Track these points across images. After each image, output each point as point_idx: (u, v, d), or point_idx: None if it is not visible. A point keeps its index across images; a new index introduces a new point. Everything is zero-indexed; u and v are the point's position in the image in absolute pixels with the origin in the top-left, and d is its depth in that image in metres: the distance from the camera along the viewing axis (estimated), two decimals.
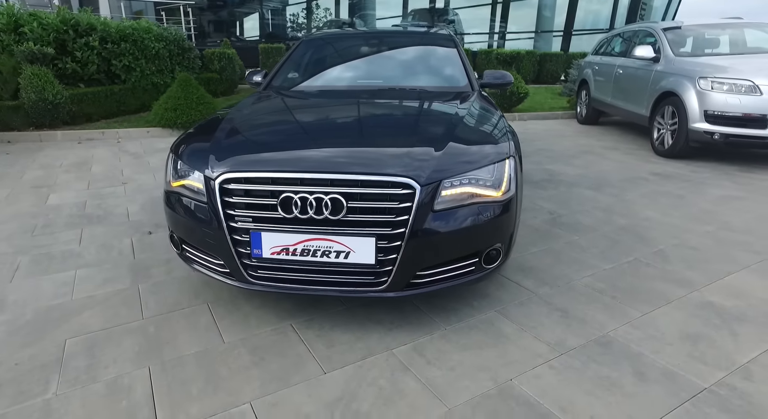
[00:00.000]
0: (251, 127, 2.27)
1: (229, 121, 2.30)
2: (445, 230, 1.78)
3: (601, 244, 2.84)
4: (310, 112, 2.52)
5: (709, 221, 3.24)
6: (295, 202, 1.74)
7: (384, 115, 2.42)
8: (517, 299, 2.21)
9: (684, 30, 5.90)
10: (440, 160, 1.83)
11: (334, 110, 2.48)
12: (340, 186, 1.74)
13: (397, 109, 2.50)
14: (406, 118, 2.35)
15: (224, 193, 1.82)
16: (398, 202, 1.74)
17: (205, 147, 2.04)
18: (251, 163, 1.86)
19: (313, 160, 1.85)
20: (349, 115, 2.40)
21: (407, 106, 2.53)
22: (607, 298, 2.22)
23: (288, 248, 1.78)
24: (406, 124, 2.24)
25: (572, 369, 1.71)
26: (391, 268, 1.78)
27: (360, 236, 1.74)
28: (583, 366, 1.73)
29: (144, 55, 7.38)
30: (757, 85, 4.47)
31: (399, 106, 2.53)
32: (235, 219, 1.82)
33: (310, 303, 2.15)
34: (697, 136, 4.81)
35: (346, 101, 2.60)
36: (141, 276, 2.44)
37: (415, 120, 2.30)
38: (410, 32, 3.73)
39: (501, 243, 1.96)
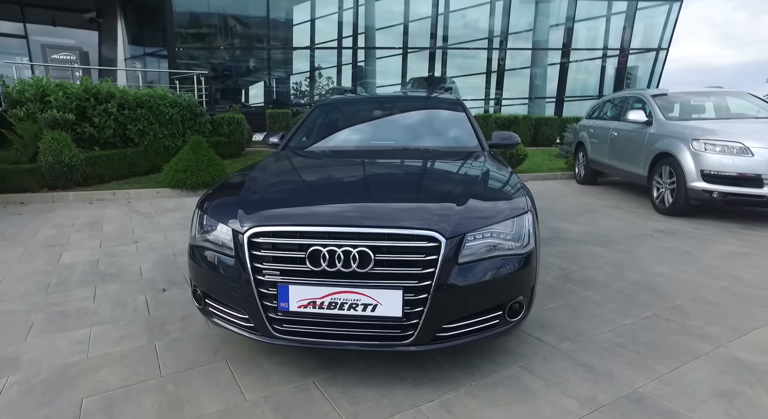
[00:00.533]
0: (277, 184, 2.37)
1: (254, 178, 2.40)
2: (470, 282, 1.81)
3: (616, 300, 2.84)
4: (332, 170, 2.63)
5: (722, 276, 3.26)
6: (324, 255, 1.78)
7: (403, 172, 2.54)
8: (539, 354, 2.18)
9: (670, 96, 6.27)
10: (463, 215, 1.89)
11: (354, 168, 2.59)
12: (368, 239, 1.79)
13: (415, 167, 2.61)
14: (425, 176, 2.46)
15: (252, 246, 1.87)
16: (424, 254, 1.78)
17: (233, 201, 2.11)
18: (280, 217, 1.92)
19: (340, 214, 1.91)
20: (370, 172, 2.51)
21: (425, 164, 2.65)
22: (630, 353, 2.19)
23: (315, 301, 1.80)
24: (425, 182, 2.34)
25: None
26: (418, 321, 1.79)
27: (387, 288, 1.76)
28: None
29: (158, 120, 7.72)
30: (748, 146, 4.69)
31: (416, 165, 2.65)
32: (262, 272, 1.85)
33: (332, 360, 2.12)
34: (696, 195, 4.95)
35: (364, 160, 2.73)
36: (157, 333, 2.41)
37: (433, 177, 2.40)
38: (420, 96, 3.97)
39: (523, 296, 1.98)
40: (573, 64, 15.63)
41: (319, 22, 16.24)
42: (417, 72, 16.27)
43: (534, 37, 15.81)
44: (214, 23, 14.08)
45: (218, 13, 13.92)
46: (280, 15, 15.27)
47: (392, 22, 16.01)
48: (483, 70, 16.16)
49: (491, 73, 16.05)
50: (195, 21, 13.83)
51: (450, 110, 3.57)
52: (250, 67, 15.51)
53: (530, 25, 15.88)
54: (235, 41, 14.67)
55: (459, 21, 15.94)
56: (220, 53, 14.33)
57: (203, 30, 14.00)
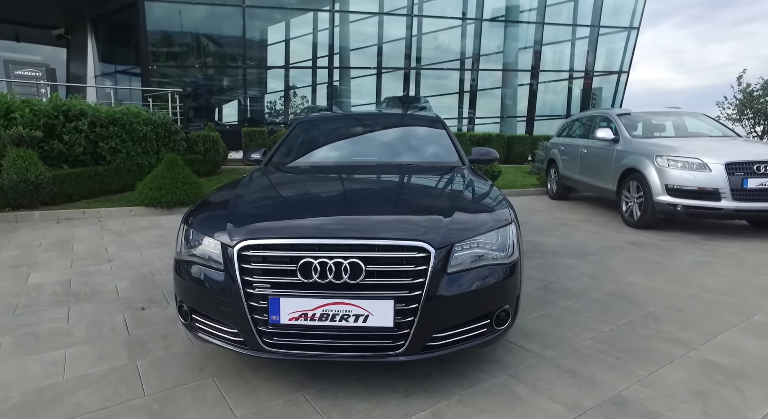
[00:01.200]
0: (264, 198, 2.37)
1: (241, 193, 2.40)
2: (459, 292, 1.85)
3: (594, 308, 2.94)
4: (318, 185, 2.65)
5: (688, 285, 3.42)
6: (315, 267, 1.79)
7: (390, 186, 2.58)
8: (525, 362, 2.23)
9: (633, 116, 6.61)
10: (450, 226, 1.95)
11: (340, 183, 2.63)
12: (359, 250, 1.81)
13: (402, 182, 2.67)
14: (411, 190, 2.51)
15: (242, 259, 1.86)
16: (414, 265, 1.82)
17: (221, 215, 2.10)
18: (270, 230, 1.93)
19: (330, 226, 1.94)
20: (356, 186, 2.55)
21: (411, 178, 2.71)
22: (611, 359, 2.26)
23: (307, 313, 1.80)
24: (412, 195, 2.40)
25: None
26: (409, 331, 1.81)
27: (378, 299, 1.78)
28: None
29: (131, 138, 7.57)
30: (706, 162, 4.98)
31: (401, 179, 2.71)
32: (252, 285, 1.84)
33: (321, 374, 2.11)
34: (662, 208, 5.20)
35: (350, 175, 2.76)
36: (138, 352, 2.34)
37: (419, 191, 2.46)
38: (401, 114, 4.06)
39: (509, 305, 2.04)
40: (542, 85, 16.28)
41: (294, 43, 16.43)
42: (391, 92, 16.60)
43: (504, 59, 16.43)
44: (188, 42, 14.04)
45: (192, 32, 13.90)
46: (254, 35, 15.37)
47: (366, 43, 16.36)
48: (456, 90, 16.63)
49: (464, 93, 16.53)
50: (169, 39, 13.76)
51: (430, 127, 3.67)
52: (225, 86, 15.47)
53: (500, 48, 16.52)
54: (209, 60, 14.64)
55: (432, 43, 16.43)
56: (194, 72, 14.24)
57: (177, 48, 13.92)
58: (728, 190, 4.83)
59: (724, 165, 4.86)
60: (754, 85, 12.94)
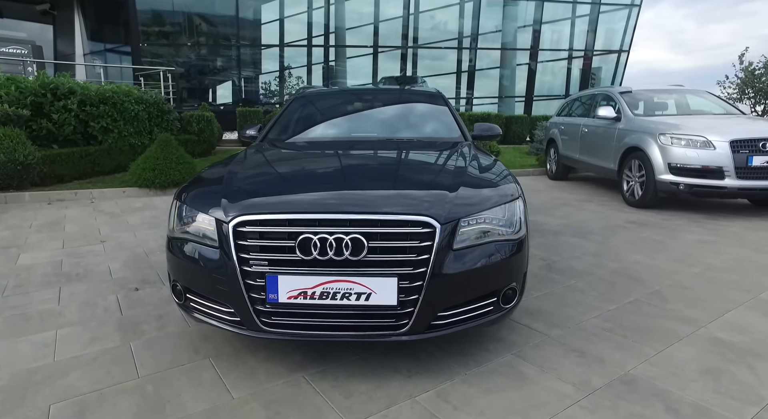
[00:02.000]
0: (261, 174, 2.27)
1: (235, 168, 2.30)
2: (465, 269, 1.78)
3: (599, 287, 2.88)
4: (317, 160, 2.55)
5: (693, 263, 3.37)
6: (315, 243, 1.70)
7: (391, 162, 2.48)
8: (531, 341, 2.18)
9: (635, 94, 6.48)
10: (456, 201, 1.86)
11: (340, 157, 2.52)
12: (361, 226, 1.73)
13: (402, 156, 2.57)
14: (414, 165, 2.41)
15: (238, 236, 1.77)
16: (419, 241, 1.73)
17: (215, 191, 2.01)
18: (267, 205, 1.84)
19: (331, 201, 1.84)
20: (357, 161, 2.45)
21: (414, 153, 2.61)
22: (618, 337, 2.21)
23: (306, 291, 1.72)
24: (415, 170, 2.30)
25: (604, 409, 1.66)
26: (413, 310, 1.74)
27: (381, 276, 1.70)
28: (614, 404, 1.68)
29: (123, 117, 7.38)
30: (710, 140, 4.89)
31: (402, 154, 2.60)
32: (249, 263, 1.75)
33: (321, 354, 2.04)
34: (664, 187, 5.13)
35: (349, 150, 2.66)
36: (131, 333, 2.27)
37: (423, 166, 2.36)
38: (400, 89, 3.93)
39: (516, 282, 1.96)
40: (540, 65, 16.03)
41: (289, 22, 16.03)
42: (387, 72, 16.31)
43: (502, 39, 16.12)
44: (180, 20, 13.65)
45: (184, 10, 13.50)
46: (248, 13, 14.97)
47: (363, 22, 15.99)
48: (453, 70, 16.36)
49: (461, 73, 16.27)
50: (160, 17, 13.37)
51: (431, 102, 3.54)
52: (219, 66, 15.14)
53: (498, 27, 16.19)
54: (202, 39, 14.27)
55: (429, 22, 16.07)
56: (186, 51, 13.90)
57: (168, 27, 13.55)
58: (732, 168, 4.75)
59: (728, 142, 4.77)
60: (756, 64, 12.78)
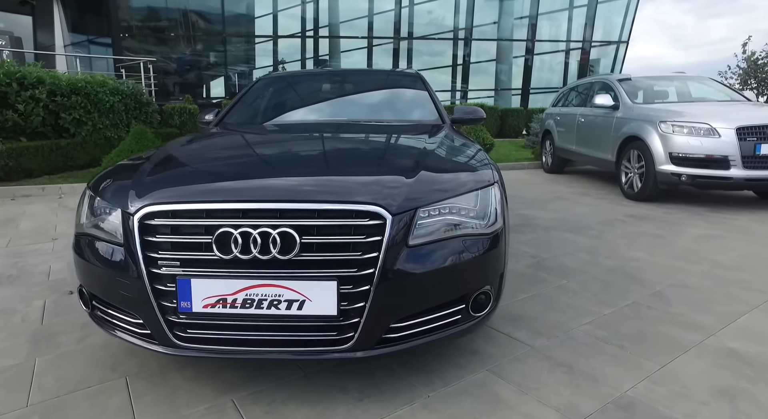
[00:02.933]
0: (188, 160, 1.93)
1: (161, 154, 1.96)
2: (424, 270, 1.45)
3: (593, 287, 2.56)
4: (261, 145, 2.20)
5: (698, 260, 3.04)
6: (235, 239, 1.38)
7: (346, 146, 2.14)
8: (510, 354, 1.85)
9: (634, 81, 6.13)
10: (413, 187, 1.53)
11: (289, 142, 2.19)
12: (292, 218, 1.40)
13: (360, 141, 2.23)
14: (370, 149, 2.08)
15: (145, 230, 1.45)
16: (365, 235, 1.40)
17: (127, 178, 1.67)
18: (180, 194, 1.51)
19: (257, 188, 1.52)
20: (306, 147, 2.12)
21: (372, 137, 2.27)
22: (613, 348, 1.89)
23: (225, 298, 1.39)
24: (370, 154, 1.97)
25: None
26: (358, 320, 1.41)
27: (317, 280, 1.38)
28: None
29: (97, 109, 7.03)
30: (714, 128, 4.55)
31: (363, 138, 2.27)
32: (157, 263, 1.43)
33: (260, 371, 1.72)
34: (665, 178, 4.79)
35: (304, 134, 2.32)
36: (44, 346, 1.94)
37: (381, 150, 2.03)
38: (376, 70, 3.59)
39: (490, 286, 1.64)
40: (538, 57, 15.65)
41: (282, 17, 15.62)
42: (382, 67, 15.91)
43: (499, 31, 15.73)
44: (164, 11, 13.26)
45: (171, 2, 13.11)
46: (239, 7, 14.57)
47: (356, 16, 15.59)
48: (449, 64, 15.96)
49: (457, 66, 15.87)
50: (143, 7, 12.98)
51: (408, 84, 3.20)
52: (206, 60, 14.76)
53: (495, 19, 15.79)
54: (190, 31, 13.89)
55: (424, 16, 15.67)
56: (172, 43, 13.52)
57: (152, 19, 13.17)
58: (739, 157, 4.41)
59: (735, 130, 4.43)
60: (759, 53, 12.44)
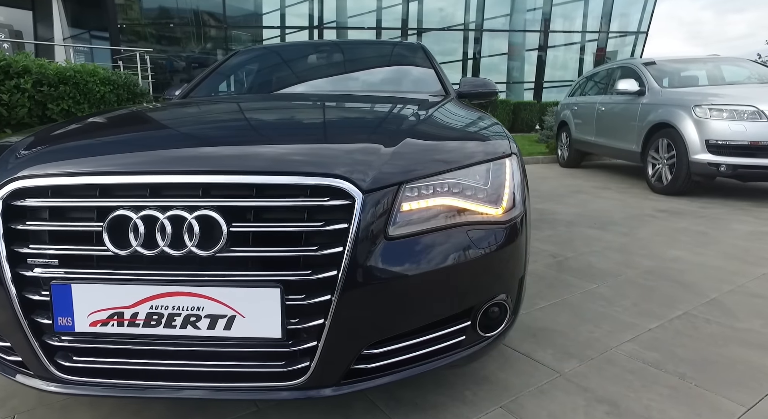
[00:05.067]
0: (98, 128, 1.45)
1: (68, 123, 1.49)
2: (412, 272, 1.00)
3: (630, 294, 2.08)
4: (205, 114, 1.70)
5: (756, 261, 2.54)
6: (135, 226, 0.94)
7: (315, 115, 1.64)
8: (532, 383, 1.39)
9: (659, 65, 5.59)
10: (394, 157, 1.08)
11: (244, 111, 1.71)
12: (218, 196, 0.96)
13: (336, 109, 1.74)
14: (344, 117, 1.60)
15: (11, 214, 1.02)
16: (323, 222, 0.96)
17: (8, 152, 1.24)
18: (67, 163, 1.07)
19: (172, 156, 1.07)
20: (264, 116, 1.63)
21: (353, 106, 1.79)
22: (672, 378, 1.42)
23: (122, 312, 0.96)
24: (343, 122, 1.51)
25: None
26: (315, 344, 0.97)
27: (252, 286, 0.94)
28: None
29: (87, 99, 6.69)
30: (762, 110, 4.02)
31: (340, 107, 1.79)
32: (27, 262, 1.00)
33: (197, 407, 1.28)
34: (700, 169, 4.27)
35: (268, 103, 1.86)
36: None
37: (358, 118, 1.56)
38: (370, 41, 3.15)
39: (506, 295, 1.18)
40: (552, 50, 15.07)
41: (289, 13, 15.24)
42: None
43: (511, 22, 15.19)
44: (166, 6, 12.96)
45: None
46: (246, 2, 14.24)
47: (365, 11, 15.17)
48: (459, 58, 15.46)
49: (467, 60, 15.36)
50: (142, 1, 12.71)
51: (408, 55, 2.74)
52: (209, 55, 14.47)
53: (507, 11, 15.25)
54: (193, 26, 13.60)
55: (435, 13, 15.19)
56: (173, 37, 13.23)
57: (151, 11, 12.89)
58: None
59: None
60: None
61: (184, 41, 13.41)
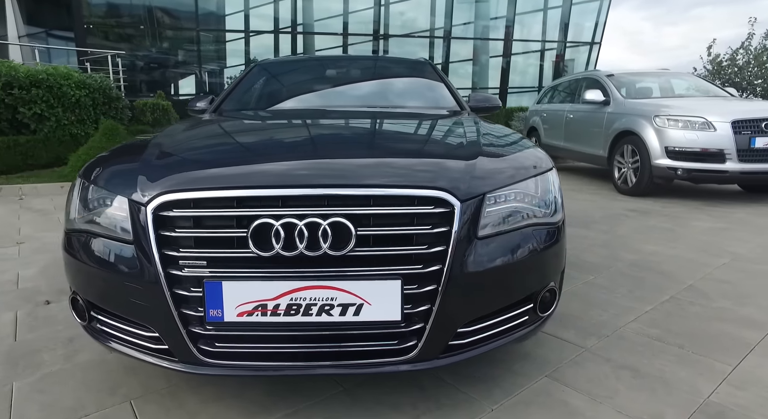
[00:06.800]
0: (201, 143, 1.66)
1: (166, 137, 1.69)
2: (496, 264, 1.25)
3: (624, 283, 2.43)
4: (281, 129, 1.94)
5: (718, 253, 2.97)
6: (277, 232, 1.14)
7: (382, 129, 1.90)
8: (566, 357, 1.68)
9: (617, 77, 6.14)
10: (477, 171, 1.33)
11: (313, 126, 1.93)
12: (345, 205, 1.18)
13: (392, 123, 2.00)
14: (409, 131, 1.86)
15: (161, 224, 1.19)
16: (430, 225, 1.19)
17: (133, 163, 1.40)
18: (205, 178, 1.25)
19: (300, 171, 1.28)
20: (336, 129, 1.88)
21: (404, 121, 2.05)
22: (673, 348, 1.74)
23: (266, 304, 1.15)
24: (414, 137, 1.75)
25: None
26: (423, 326, 1.20)
27: (379, 279, 1.16)
28: None
29: (61, 103, 6.51)
30: (710, 121, 4.57)
31: (394, 121, 2.04)
32: (178, 264, 1.17)
33: (291, 388, 1.48)
34: (661, 172, 4.78)
35: (325, 118, 2.07)
36: (21, 367, 1.63)
37: (422, 133, 1.81)
38: (381, 57, 3.38)
39: (554, 282, 1.46)
40: (514, 57, 15.78)
41: (254, 16, 15.12)
42: None
43: (475, 31, 15.78)
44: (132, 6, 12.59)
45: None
46: (210, 3, 14.01)
47: (331, 15, 15.30)
48: None
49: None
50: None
51: (420, 71, 2.99)
52: (177, 56, 14.14)
53: (470, 19, 15.82)
54: (159, 26, 13.27)
55: (399, 17, 15.53)
56: (140, 38, 12.87)
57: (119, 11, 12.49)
58: (734, 150, 4.44)
59: (730, 123, 4.46)
60: (722, 55, 12.92)
61: (151, 42, 13.06)
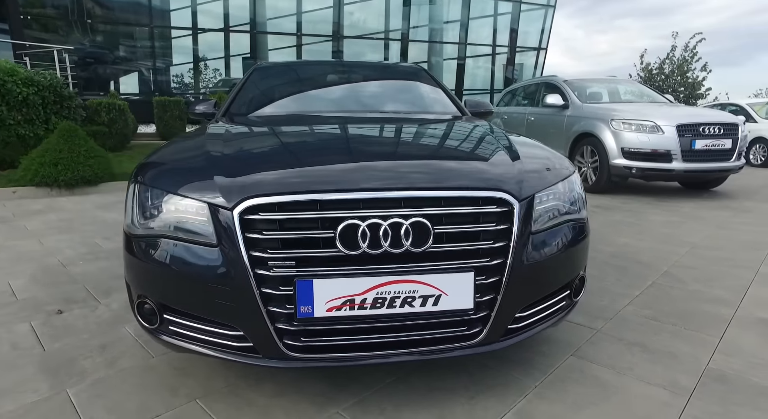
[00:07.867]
0: (265, 149, 1.69)
1: (215, 139, 1.71)
2: (545, 256, 1.42)
3: (610, 272, 2.70)
4: (322, 131, 2.00)
5: (678, 243, 3.35)
6: (363, 232, 1.24)
7: (417, 133, 2.00)
8: (583, 338, 1.89)
9: (570, 83, 6.62)
10: (525, 174, 1.49)
11: (347, 128, 2.00)
12: (423, 206, 1.29)
13: (435, 129, 2.10)
14: (446, 134, 1.99)
15: (248, 227, 1.25)
16: (495, 223, 1.34)
17: (201, 165, 1.44)
18: (288, 183, 1.32)
19: (381, 174, 1.37)
20: (389, 134, 1.96)
21: (440, 126, 2.15)
22: (669, 326, 2.00)
23: (354, 299, 1.25)
24: (457, 143, 1.87)
25: (718, 417, 1.40)
26: (489, 313, 1.34)
27: (455, 272, 1.29)
28: (728, 411, 1.43)
29: (6, 102, 6.04)
30: (659, 125, 5.07)
31: (434, 128, 2.13)
32: (267, 264, 1.24)
33: (348, 379, 1.57)
34: (618, 171, 5.24)
35: (349, 123, 2.14)
36: (65, 375, 1.61)
37: (463, 137, 1.94)
38: (375, 63, 3.48)
39: (583, 271, 1.66)
40: (468, 60, 16.36)
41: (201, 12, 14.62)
42: None
43: (430, 33, 16.20)
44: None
45: None
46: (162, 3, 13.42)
47: (283, 14, 15.12)
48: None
49: None
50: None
51: (418, 77, 3.11)
52: (123, 53, 13.43)
53: (425, 22, 16.22)
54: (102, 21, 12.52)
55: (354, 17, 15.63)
56: (83, 32, 12.10)
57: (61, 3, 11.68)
58: (679, 151, 4.96)
59: (675, 127, 4.98)
60: (652, 64, 14.16)
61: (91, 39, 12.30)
